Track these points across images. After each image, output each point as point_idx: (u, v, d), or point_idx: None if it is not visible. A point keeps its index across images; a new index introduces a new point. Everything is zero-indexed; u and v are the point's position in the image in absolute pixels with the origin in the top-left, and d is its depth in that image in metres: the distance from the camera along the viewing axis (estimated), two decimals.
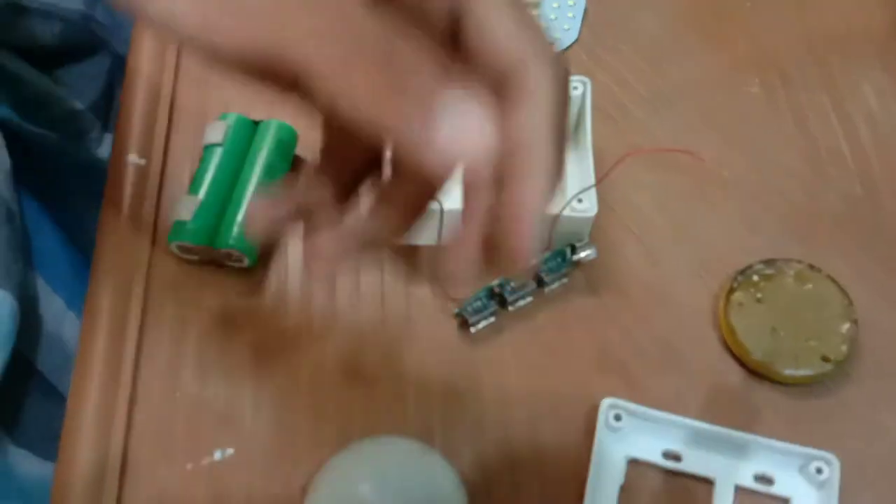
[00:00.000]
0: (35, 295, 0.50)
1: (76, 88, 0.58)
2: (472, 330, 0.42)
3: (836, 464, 0.37)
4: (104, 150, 0.61)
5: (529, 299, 0.43)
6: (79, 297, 0.54)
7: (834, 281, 0.42)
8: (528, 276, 0.41)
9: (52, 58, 0.56)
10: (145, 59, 0.49)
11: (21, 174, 0.53)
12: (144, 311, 0.42)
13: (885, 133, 0.48)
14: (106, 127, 0.61)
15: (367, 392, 0.40)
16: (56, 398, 0.50)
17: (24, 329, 0.49)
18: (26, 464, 0.46)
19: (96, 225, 0.60)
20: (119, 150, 0.46)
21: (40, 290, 0.51)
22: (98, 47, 0.61)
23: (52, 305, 0.52)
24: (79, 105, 0.58)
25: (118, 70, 0.61)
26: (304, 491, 0.37)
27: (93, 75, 0.60)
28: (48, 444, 0.48)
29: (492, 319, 0.42)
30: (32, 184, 0.54)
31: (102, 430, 0.39)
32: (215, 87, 0.49)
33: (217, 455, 0.38)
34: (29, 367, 0.49)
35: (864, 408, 0.40)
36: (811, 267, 0.42)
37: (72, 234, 0.57)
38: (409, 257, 0.44)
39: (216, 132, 0.44)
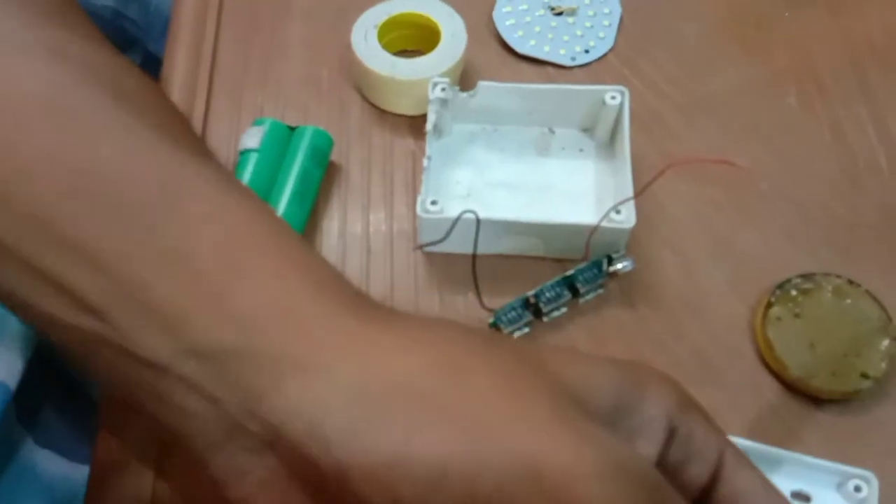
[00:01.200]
0: None
1: None
2: None
3: (875, 483, 0.37)
4: None
5: (564, 310, 0.43)
6: None
7: (873, 296, 0.41)
8: None
9: None
10: (180, 63, 0.49)
11: None
12: None
13: None
14: None
15: None
16: (80, 396, 0.50)
17: None
18: (51, 464, 0.46)
19: None
20: None
21: None
22: (129, 45, 0.61)
23: None
24: None
25: (150, 69, 0.61)
26: None
27: None
28: (74, 445, 0.48)
29: (526, 330, 0.42)
30: None
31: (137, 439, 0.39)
32: (249, 91, 0.49)
33: None
34: (53, 364, 0.49)
35: None
36: (850, 282, 0.42)
37: None
38: (443, 265, 0.44)
39: (252, 138, 0.44)
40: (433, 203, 0.42)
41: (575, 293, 0.43)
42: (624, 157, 0.43)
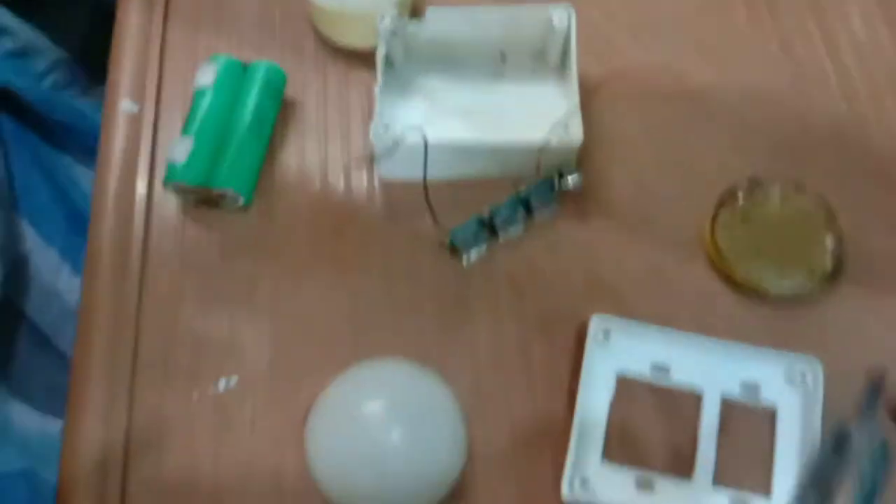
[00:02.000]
0: (29, 249, 0.51)
1: (59, 36, 0.58)
2: (465, 259, 0.43)
3: (820, 368, 0.39)
4: (92, 101, 0.61)
5: (520, 228, 0.44)
6: (72, 249, 0.55)
7: (818, 197, 0.43)
8: None
9: (36, 4, 0.56)
10: (134, 6, 0.50)
11: (11, 131, 0.54)
12: (145, 251, 0.43)
13: (869, 54, 0.48)
14: (91, 77, 0.61)
15: (363, 320, 0.41)
16: (52, 352, 0.52)
17: (19, 283, 0.50)
18: (25, 417, 0.47)
19: (86, 178, 0.61)
20: (112, 97, 0.47)
21: (34, 245, 0.52)
22: None
23: (48, 259, 0.53)
24: (63, 53, 0.59)
25: (100, 14, 0.61)
26: (307, 413, 0.38)
27: (74, 21, 0.60)
28: (47, 399, 0.49)
29: (483, 249, 0.43)
30: (22, 140, 0.55)
31: (109, 367, 0.40)
32: (204, 30, 0.49)
33: (222, 384, 0.40)
34: (25, 320, 0.50)
35: (847, 318, 0.41)
36: (796, 186, 0.43)
37: (63, 188, 0.58)
38: (401, 193, 0.45)
39: (206, 75, 0.44)
40: (386, 127, 0.42)
41: (529, 211, 0.44)
42: (572, 77, 0.44)
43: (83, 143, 0.60)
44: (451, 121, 0.47)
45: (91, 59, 0.60)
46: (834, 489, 0.29)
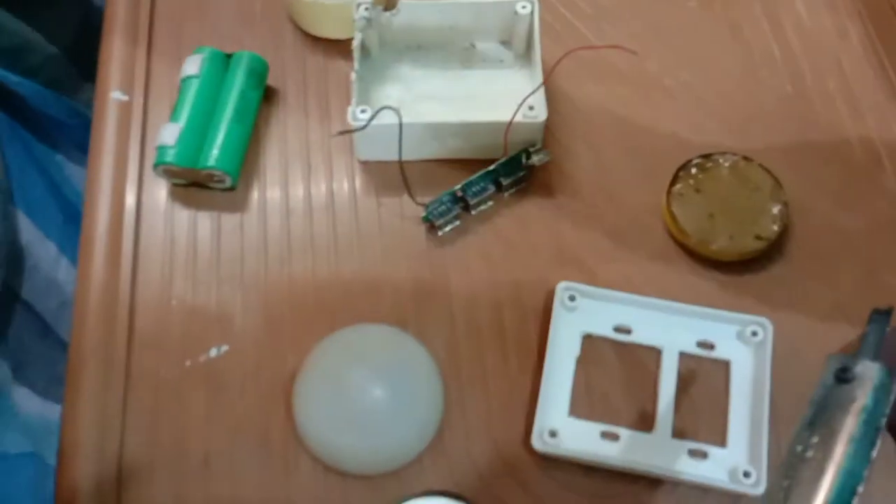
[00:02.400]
0: (28, 240, 0.53)
1: (51, 33, 0.60)
2: (439, 233, 0.46)
3: (770, 327, 0.42)
4: (83, 98, 0.63)
5: (490, 203, 0.47)
6: (70, 243, 0.57)
7: (765, 169, 0.46)
8: None
9: (29, 3, 0.58)
10: (121, 1, 0.52)
11: (4, 127, 0.55)
12: (137, 234, 0.45)
13: (813, 37, 0.52)
14: (82, 74, 0.64)
15: (345, 291, 0.44)
16: (54, 341, 0.54)
17: (19, 272, 0.52)
18: (28, 402, 0.50)
19: (78, 176, 0.63)
20: (103, 88, 0.49)
21: (34, 237, 0.54)
22: None
23: (47, 251, 0.55)
24: (55, 50, 0.61)
25: (90, 14, 0.63)
26: (293, 376, 0.41)
27: (66, 19, 0.62)
28: (49, 385, 0.51)
29: (457, 223, 0.46)
30: (16, 136, 0.57)
31: (106, 341, 0.42)
32: (189, 23, 0.52)
33: (213, 352, 0.42)
34: (27, 308, 0.52)
35: (794, 281, 0.44)
36: (745, 158, 0.46)
37: (58, 185, 0.60)
38: (379, 172, 0.48)
39: (192, 65, 0.47)
40: (363, 111, 0.45)
41: (499, 187, 0.47)
42: (536, 61, 0.47)
43: (75, 140, 0.62)
44: (425, 105, 0.50)
45: (83, 57, 0.62)
46: (837, 422, 0.30)
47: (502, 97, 0.50)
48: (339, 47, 0.52)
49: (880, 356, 0.32)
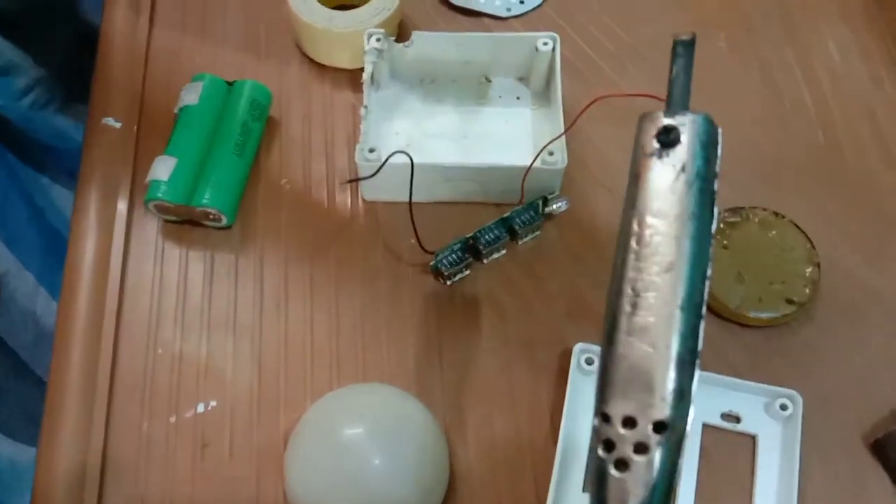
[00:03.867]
0: (5, 272, 0.50)
1: (40, 54, 0.58)
2: (448, 282, 0.43)
3: (800, 400, 0.39)
4: (71, 120, 0.60)
5: (503, 252, 0.44)
6: (49, 272, 0.54)
7: (797, 226, 0.43)
8: None
9: (17, 23, 0.56)
10: (118, 23, 0.49)
11: None
12: (124, 271, 0.42)
13: (846, 85, 0.49)
14: (71, 95, 0.61)
15: (345, 343, 0.41)
16: (28, 378, 0.51)
17: None
18: None
19: (63, 198, 0.60)
20: (95, 114, 0.46)
21: (11, 266, 0.51)
22: (63, 12, 0.60)
23: (25, 282, 0.52)
24: (43, 71, 0.58)
25: (84, 35, 0.60)
26: (287, 437, 0.38)
27: (56, 39, 0.60)
28: (21, 426, 0.48)
29: (467, 272, 0.43)
30: (1, 159, 0.54)
31: (86, 389, 0.39)
32: (187, 49, 0.49)
33: (200, 407, 0.39)
34: (2, 345, 0.49)
35: (826, 347, 0.41)
36: (775, 214, 0.44)
37: (41, 209, 0.57)
38: (385, 214, 0.45)
39: (191, 94, 0.44)
40: (371, 151, 0.42)
41: (513, 235, 0.44)
42: (556, 102, 0.44)
43: (61, 163, 0.59)
44: (436, 142, 0.47)
45: (73, 77, 0.59)
46: (669, 201, 0.24)
47: (518, 136, 0.47)
48: (347, 76, 0.49)
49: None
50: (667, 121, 0.25)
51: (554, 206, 0.44)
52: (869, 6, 0.53)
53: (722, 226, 0.43)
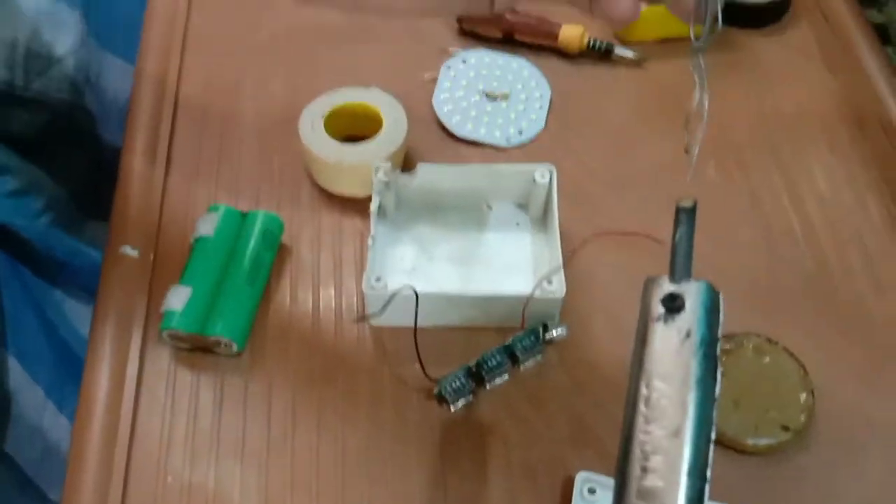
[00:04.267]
0: (14, 386, 0.51)
1: (59, 175, 0.60)
2: (451, 408, 0.44)
3: None
4: (87, 236, 0.63)
5: (506, 377, 0.45)
6: (58, 387, 0.56)
7: (790, 353, 0.44)
8: None
9: (39, 145, 0.58)
10: (138, 154, 0.52)
11: (4, 266, 0.55)
12: (137, 398, 0.43)
13: (834, 213, 0.51)
14: (88, 213, 0.63)
15: (352, 474, 0.42)
16: (33, 494, 0.51)
17: (6, 423, 0.50)
18: None
19: (75, 312, 0.62)
20: (114, 243, 0.48)
21: (22, 381, 0.52)
22: (83, 135, 0.64)
23: (34, 397, 0.53)
24: (62, 191, 0.61)
25: (103, 157, 0.63)
26: None
27: (77, 162, 0.62)
28: None
29: (470, 397, 0.44)
30: (15, 275, 0.56)
31: None
32: (204, 179, 0.51)
33: None
34: (5, 459, 0.50)
35: (822, 475, 0.42)
36: (769, 340, 0.45)
37: (53, 323, 0.59)
38: (391, 339, 0.46)
39: (207, 225, 0.46)
40: (377, 279, 0.44)
41: (515, 361, 0.45)
42: (554, 231, 0.46)
43: (75, 278, 0.61)
44: (440, 267, 0.49)
45: (89, 196, 0.62)
46: (674, 366, 0.26)
47: (518, 261, 0.49)
48: (356, 204, 0.51)
49: None
50: (672, 288, 0.27)
51: (554, 333, 0.45)
52: (854, 134, 0.55)
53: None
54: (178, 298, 0.43)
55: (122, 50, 0.66)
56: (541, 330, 0.45)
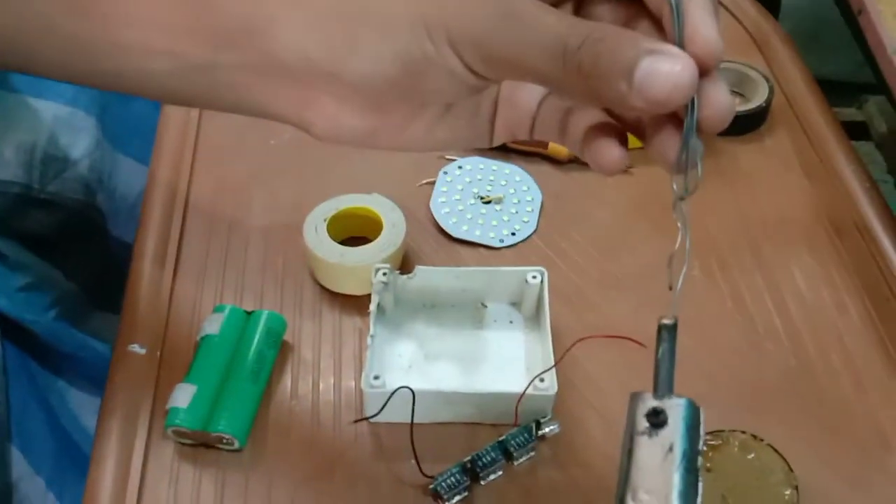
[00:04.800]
0: (17, 478, 0.52)
1: (70, 270, 0.63)
2: None
3: None
4: (94, 327, 0.64)
5: (500, 473, 0.46)
6: (59, 478, 0.56)
7: (774, 449, 0.46)
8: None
9: (52, 243, 0.61)
10: (148, 255, 0.55)
11: (12, 358, 0.56)
12: (141, 493, 0.44)
13: (814, 311, 0.54)
14: (97, 306, 0.65)
15: None
16: None
17: None
18: None
19: (78, 402, 0.63)
20: (122, 341, 0.50)
21: (24, 472, 0.53)
22: (94, 233, 0.66)
23: (36, 488, 0.54)
24: (72, 286, 0.63)
25: (112, 252, 0.66)
26: None
27: (88, 258, 0.65)
28: None
29: (465, 493, 0.45)
30: (21, 366, 0.57)
31: None
32: (211, 279, 0.54)
33: None
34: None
35: None
36: (754, 437, 0.46)
37: (56, 414, 0.60)
38: (388, 435, 0.47)
39: (213, 324, 0.48)
40: (376, 378, 0.46)
41: (509, 457, 0.46)
42: (545, 330, 0.48)
43: (80, 369, 0.62)
44: (436, 364, 0.51)
45: (98, 291, 0.64)
46: (658, 482, 0.28)
47: (512, 359, 0.51)
48: (356, 301, 0.53)
49: None
50: (655, 403, 0.29)
51: (547, 430, 0.47)
52: (831, 237, 0.58)
53: (705, 448, 0.46)
54: (183, 396, 0.45)
55: (134, 150, 0.70)
56: (534, 426, 0.47)
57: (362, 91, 0.33)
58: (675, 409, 0.29)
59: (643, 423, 0.29)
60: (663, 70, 0.27)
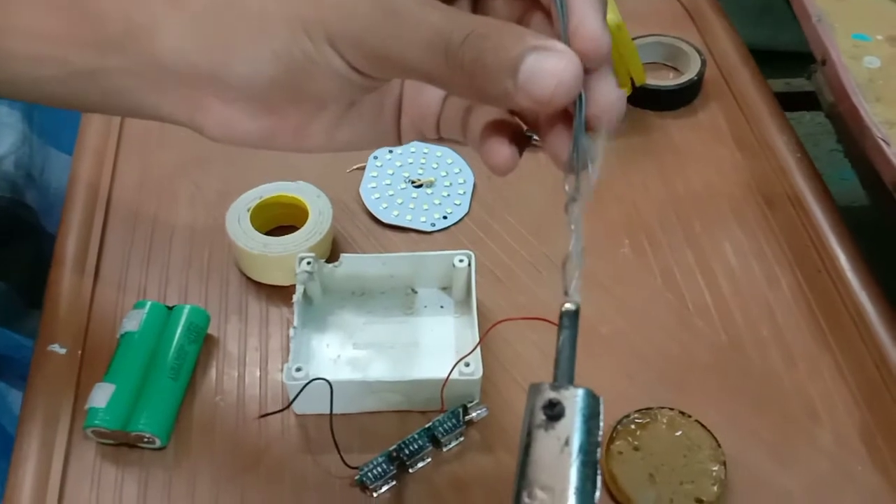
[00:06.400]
0: None
1: (3, 270, 0.61)
2: (374, 494, 0.45)
3: None
4: (30, 327, 0.63)
5: (428, 460, 0.46)
6: (2, 478, 0.55)
7: (702, 425, 0.46)
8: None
9: None
10: (69, 253, 0.53)
11: None
12: (61, 496, 0.44)
13: (744, 286, 0.54)
14: (32, 304, 0.64)
15: None
16: None
17: None
18: None
19: (18, 403, 0.62)
20: (43, 341, 0.49)
21: None
22: (26, 231, 0.65)
23: None
24: (4, 286, 0.61)
25: (46, 249, 0.64)
26: None
27: (20, 257, 0.63)
28: None
29: (393, 482, 0.45)
30: None
31: None
32: (135, 271, 0.53)
33: None
34: None
35: None
36: (682, 413, 0.46)
37: None
38: (315, 427, 0.47)
39: (132, 321, 0.47)
40: (298, 370, 0.45)
41: (437, 443, 0.46)
42: (472, 314, 0.48)
43: (18, 370, 0.61)
44: (365, 353, 0.50)
45: (31, 290, 0.62)
46: (554, 477, 0.26)
47: (444, 344, 0.51)
48: (282, 292, 0.53)
49: None
50: (552, 395, 0.28)
51: (474, 414, 0.46)
52: (763, 210, 0.58)
53: (633, 427, 0.46)
54: (101, 395, 0.44)
55: (66, 145, 0.68)
56: (461, 411, 0.46)
57: (247, 93, 0.32)
58: (572, 400, 0.28)
59: (540, 416, 0.28)
60: (547, 67, 0.26)
